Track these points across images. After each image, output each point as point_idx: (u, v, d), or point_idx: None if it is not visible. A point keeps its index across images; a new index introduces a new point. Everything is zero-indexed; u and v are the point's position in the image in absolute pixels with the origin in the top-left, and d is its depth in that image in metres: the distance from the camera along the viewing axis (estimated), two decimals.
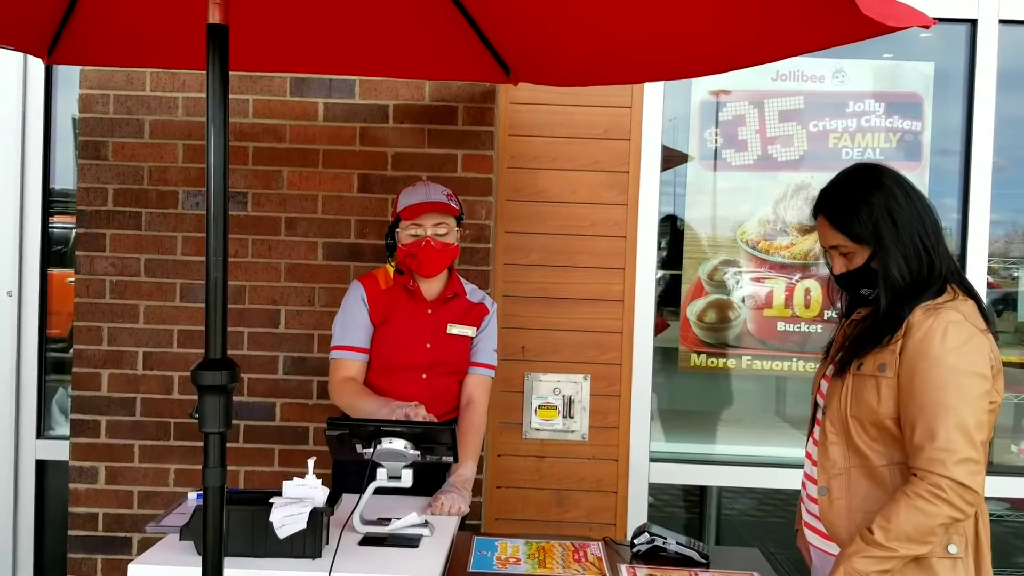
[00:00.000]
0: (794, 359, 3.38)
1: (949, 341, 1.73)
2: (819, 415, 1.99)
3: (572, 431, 3.29)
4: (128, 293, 3.12)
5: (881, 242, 1.82)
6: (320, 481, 2.14)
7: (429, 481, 2.48)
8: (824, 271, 2.06)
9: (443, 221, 2.53)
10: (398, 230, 2.56)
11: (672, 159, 3.40)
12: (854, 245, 1.86)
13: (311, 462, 2.17)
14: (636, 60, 2.32)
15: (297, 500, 2.07)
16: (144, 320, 3.13)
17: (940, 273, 1.83)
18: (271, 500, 2.06)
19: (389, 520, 2.18)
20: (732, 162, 3.38)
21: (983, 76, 3.26)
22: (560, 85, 2.91)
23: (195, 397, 1.64)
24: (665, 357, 3.45)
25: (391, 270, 2.62)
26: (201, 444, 1.65)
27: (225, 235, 1.66)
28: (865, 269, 1.86)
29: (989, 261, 3.29)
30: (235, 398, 3.05)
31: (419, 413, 2.31)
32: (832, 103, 3.35)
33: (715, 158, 3.40)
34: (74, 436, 3.14)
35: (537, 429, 3.30)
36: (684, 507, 3.96)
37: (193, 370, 1.66)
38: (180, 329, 3.13)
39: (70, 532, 3.15)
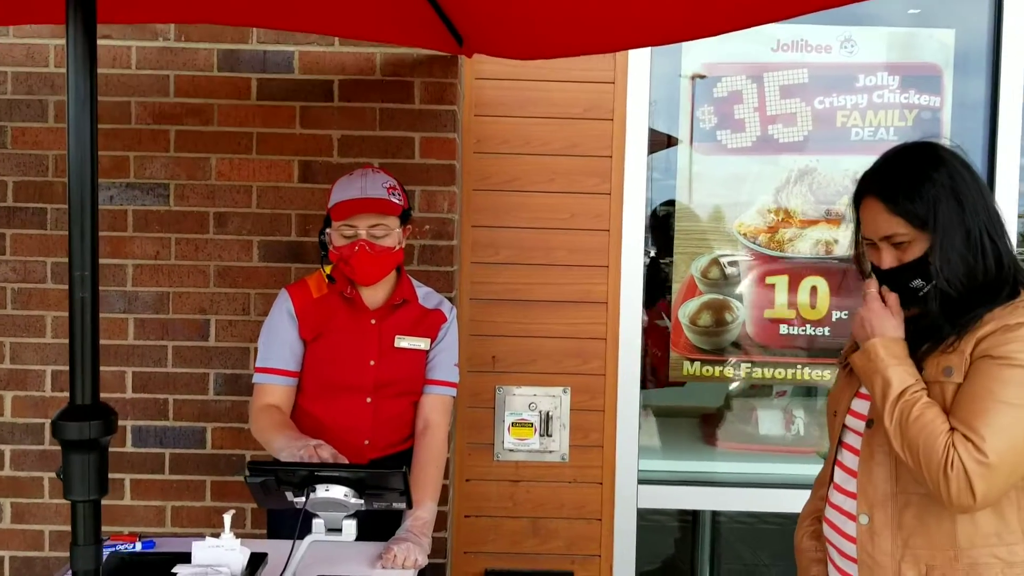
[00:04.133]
0: (799, 366, 3.01)
1: None
2: (844, 435, 1.72)
3: (550, 451, 2.93)
4: (33, 303, 2.72)
5: (947, 224, 1.55)
6: (239, 541, 1.75)
7: (381, 523, 2.08)
8: (830, 265, 1.73)
9: (381, 222, 2.14)
10: (329, 230, 2.18)
11: (660, 142, 3.01)
12: (914, 232, 1.58)
13: (228, 517, 1.78)
14: (612, 22, 1.95)
15: (208, 568, 1.68)
16: (52, 334, 2.72)
17: (1010, 269, 1.58)
18: (173, 571, 1.67)
19: None
20: (728, 144, 3.00)
21: (1011, 44, 2.90)
22: (522, 58, 2.53)
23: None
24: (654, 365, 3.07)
25: (326, 274, 2.23)
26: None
27: (94, 243, 1.35)
28: (919, 262, 1.59)
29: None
30: (160, 423, 2.71)
31: (323, 454, 1.93)
32: (840, 76, 2.97)
33: (709, 140, 3.01)
34: None
35: (510, 450, 2.94)
36: (673, 514, 3.65)
37: (54, 420, 1.34)
38: None
39: None
